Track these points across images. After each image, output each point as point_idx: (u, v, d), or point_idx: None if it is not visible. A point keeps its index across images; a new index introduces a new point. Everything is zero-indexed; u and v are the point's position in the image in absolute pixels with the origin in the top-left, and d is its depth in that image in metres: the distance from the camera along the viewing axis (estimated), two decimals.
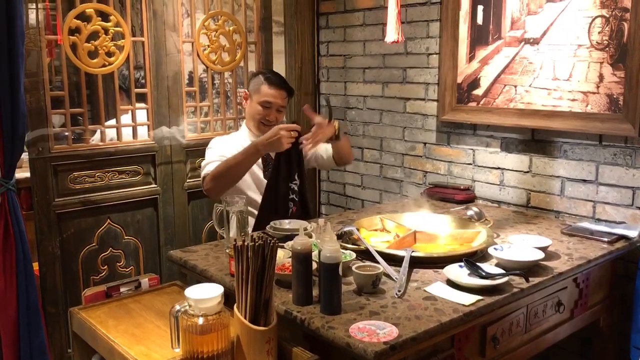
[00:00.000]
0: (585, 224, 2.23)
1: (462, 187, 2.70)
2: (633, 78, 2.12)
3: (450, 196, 2.66)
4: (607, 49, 2.20)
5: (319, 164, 2.68)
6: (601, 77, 2.22)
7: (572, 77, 2.31)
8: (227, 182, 2.32)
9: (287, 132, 2.21)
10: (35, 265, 2.50)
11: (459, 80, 2.70)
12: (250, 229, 2.33)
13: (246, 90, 2.56)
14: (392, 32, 1.88)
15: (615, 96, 2.19)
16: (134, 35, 2.82)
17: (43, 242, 2.59)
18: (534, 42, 2.42)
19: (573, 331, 2.02)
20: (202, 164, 2.46)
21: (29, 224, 2.48)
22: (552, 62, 2.37)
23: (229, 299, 1.44)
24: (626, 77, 2.15)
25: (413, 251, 1.80)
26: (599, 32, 2.22)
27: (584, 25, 2.25)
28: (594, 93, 2.25)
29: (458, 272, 1.69)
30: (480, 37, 2.61)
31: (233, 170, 2.29)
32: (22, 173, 2.68)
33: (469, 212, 2.26)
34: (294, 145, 2.28)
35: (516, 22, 2.48)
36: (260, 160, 2.44)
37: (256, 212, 2.39)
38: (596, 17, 2.22)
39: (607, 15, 2.18)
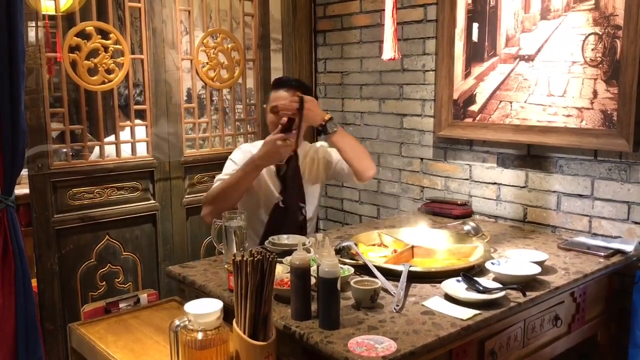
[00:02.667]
0: (582, 239, 2.24)
1: (459, 202, 2.72)
2: (626, 94, 2.15)
3: (447, 211, 2.68)
4: (600, 65, 2.23)
5: (342, 176, 2.50)
6: (595, 93, 2.25)
7: (566, 93, 2.34)
8: (228, 205, 2.21)
9: (282, 141, 2.09)
10: (34, 282, 2.50)
11: (455, 96, 2.73)
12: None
13: (265, 106, 2.47)
14: (389, 50, 1.90)
15: (609, 112, 2.22)
16: (133, 53, 2.85)
17: (42, 258, 2.59)
18: (529, 58, 2.46)
19: (571, 345, 2.03)
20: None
21: (28, 240, 2.48)
22: (547, 78, 2.40)
23: (227, 314, 1.45)
24: (619, 93, 2.18)
25: (411, 266, 1.81)
26: (592, 49, 2.25)
27: (578, 43, 2.29)
28: (588, 109, 2.28)
29: (456, 286, 1.70)
30: (475, 54, 2.65)
31: (231, 190, 2.19)
32: (21, 189, 2.69)
33: (466, 227, 2.27)
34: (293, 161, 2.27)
35: (511, 39, 2.52)
36: (273, 181, 2.37)
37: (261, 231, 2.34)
38: (589, 34, 2.25)
39: (600, 33, 2.22)
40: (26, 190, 2.64)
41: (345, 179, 2.52)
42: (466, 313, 1.57)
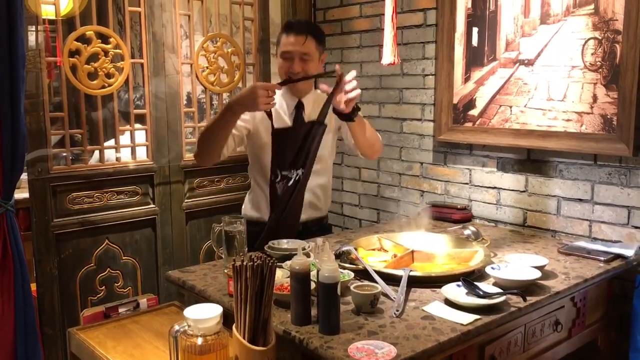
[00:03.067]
0: (582, 243, 2.24)
1: (459, 207, 2.72)
2: (626, 99, 2.15)
3: (447, 215, 2.68)
4: (600, 70, 2.23)
5: (347, 142, 2.42)
6: (595, 98, 2.26)
7: (566, 97, 2.34)
8: (209, 149, 2.18)
9: (264, 91, 2.00)
10: (33, 286, 2.49)
11: (455, 100, 2.73)
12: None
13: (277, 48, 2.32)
14: (389, 54, 1.91)
15: (609, 116, 2.22)
16: (133, 57, 2.85)
17: (41, 263, 2.59)
18: (529, 63, 2.46)
19: (571, 350, 2.02)
20: None
21: (27, 245, 2.48)
22: (547, 82, 2.40)
23: (227, 319, 1.45)
24: (619, 98, 2.18)
25: (411, 270, 1.80)
26: (592, 54, 2.25)
27: (578, 47, 2.29)
28: (588, 113, 2.28)
29: (456, 291, 1.70)
30: (475, 58, 2.65)
31: (211, 134, 2.14)
32: (20, 194, 2.69)
33: (466, 232, 2.27)
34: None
35: (511, 43, 2.52)
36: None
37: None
38: (589, 39, 2.26)
39: (600, 37, 2.22)
40: (25, 195, 2.64)
41: (348, 144, 2.43)
42: (466, 318, 1.56)
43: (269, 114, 2.25)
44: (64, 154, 2.69)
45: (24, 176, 2.52)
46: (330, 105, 2.16)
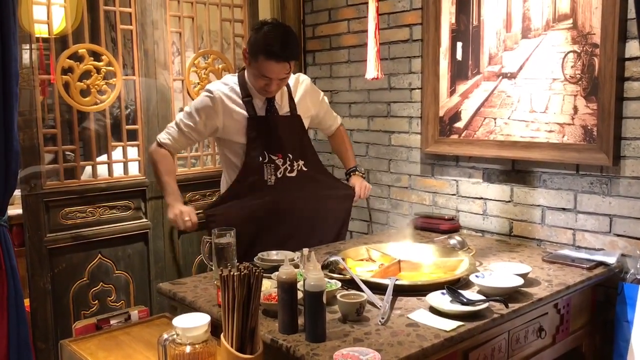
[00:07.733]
0: (566, 251, 2.29)
1: (446, 217, 2.76)
2: (605, 110, 2.21)
3: (435, 226, 2.72)
4: (580, 82, 2.29)
5: (322, 129, 2.81)
6: (575, 109, 2.31)
7: (548, 109, 2.40)
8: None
9: (184, 225, 2.25)
10: (26, 301, 2.51)
11: (441, 113, 2.79)
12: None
13: (245, 47, 2.28)
14: (372, 69, 1.96)
15: (589, 127, 2.28)
16: (125, 72, 2.90)
17: (34, 278, 2.61)
18: (511, 76, 2.52)
19: (556, 357, 2.06)
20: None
21: (20, 261, 2.50)
22: (529, 95, 2.46)
23: (217, 330, 1.48)
24: (599, 109, 2.24)
25: (397, 279, 1.84)
26: (571, 67, 2.32)
27: (558, 60, 2.36)
28: (569, 124, 2.34)
29: (440, 299, 1.73)
30: (460, 72, 2.71)
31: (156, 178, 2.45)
32: (14, 210, 2.71)
33: (452, 241, 2.32)
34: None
35: (494, 57, 2.58)
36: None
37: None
38: (569, 52, 2.32)
39: (579, 51, 2.29)
40: (19, 211, 2.67)
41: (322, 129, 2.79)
42: (450, 324, 1.60)
43: (246, 105, 2.32)
44: (57, 169, 2.73)
45: (17, 192, 2.55)
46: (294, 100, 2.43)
